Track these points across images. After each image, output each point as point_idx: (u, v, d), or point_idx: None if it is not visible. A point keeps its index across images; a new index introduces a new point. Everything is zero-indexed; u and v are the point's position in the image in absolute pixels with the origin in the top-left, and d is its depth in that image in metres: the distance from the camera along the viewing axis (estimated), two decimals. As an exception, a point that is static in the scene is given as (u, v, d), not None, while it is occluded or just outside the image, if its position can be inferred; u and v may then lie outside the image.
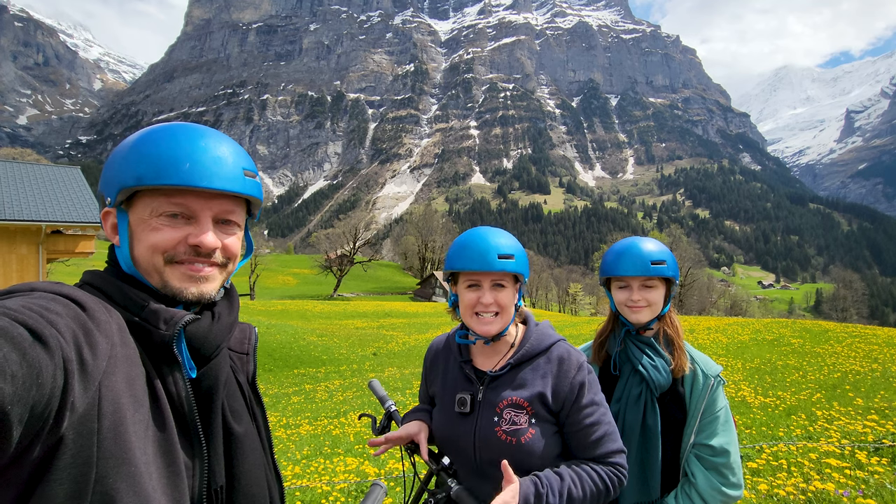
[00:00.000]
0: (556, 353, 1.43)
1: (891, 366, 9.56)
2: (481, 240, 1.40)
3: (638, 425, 1.57)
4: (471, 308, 1.41)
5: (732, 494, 1.50)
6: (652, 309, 1.66)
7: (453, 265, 1.41)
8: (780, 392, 7.80)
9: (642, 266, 1.62)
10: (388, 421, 1.62)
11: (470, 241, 1.41)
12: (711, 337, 15.31)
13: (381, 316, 33.30)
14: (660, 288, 1.66)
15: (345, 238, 59.11)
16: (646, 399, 1.59)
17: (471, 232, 1.45)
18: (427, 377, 1.61)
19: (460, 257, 1.40)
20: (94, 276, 0.87)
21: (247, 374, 1.03)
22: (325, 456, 5.94)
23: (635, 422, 1.58)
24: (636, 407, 1.59)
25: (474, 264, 1.37)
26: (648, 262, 1.62)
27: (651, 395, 1.59)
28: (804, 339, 13.65)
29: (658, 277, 1.65)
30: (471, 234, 1.43)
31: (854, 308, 68.40)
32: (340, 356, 17.87)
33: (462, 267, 1.38)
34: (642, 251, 1.64)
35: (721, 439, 1.53)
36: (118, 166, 0.85)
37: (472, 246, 1.39)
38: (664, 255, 1.64)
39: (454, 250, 1.43)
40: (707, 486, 1.50)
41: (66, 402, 0.62)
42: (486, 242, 1.39)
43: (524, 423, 1.35)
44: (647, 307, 1.65)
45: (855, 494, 2.99)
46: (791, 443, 4.49)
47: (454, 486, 1.35)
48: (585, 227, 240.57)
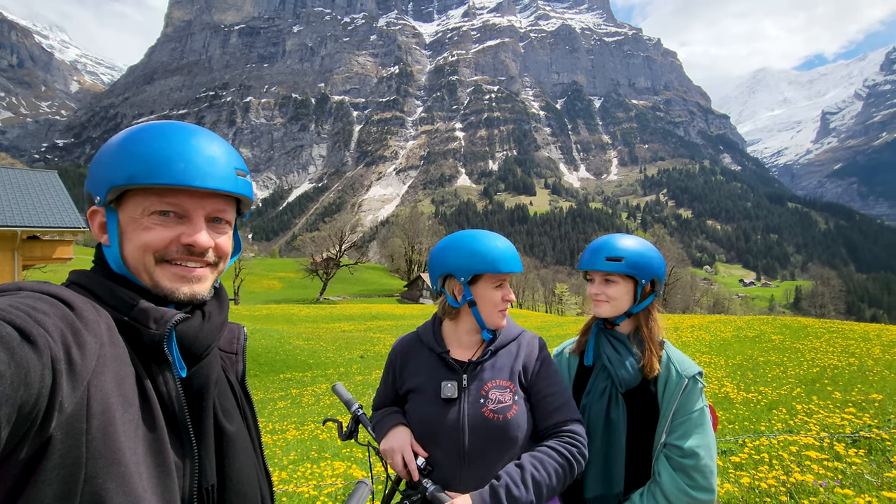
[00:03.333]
0: (525, 338, 1.60)
1: (867, 360, 9.82)
2: (499, 244, 1.52)
3: (602, 418, 1.60)
4: (497, 306, 1.52)
5: (700, 498, 1.48)
6: (612, 304, 1.67)
7: (483, 268, 1.48)
8: (761, 387, 7.96)
9: (598, 261, 1.67)
10: (356, 425, 1.63)
11: (494, 246, 1.51)
12: (695, 335, 15.54)
13: (368, 318, 33.09)
14: (621, 284, 1.67)
15: (331, 241, 58.66)
16: (610, 393, 1.61)
17: (483, 238, 1.54)
18: (398, 375, 1.62)
19: (494, 262, 1.48)
20: (81, 276, 0.86)
21: (237, 374, 1.03)
22: (312, 461, 5.89)
23: (599, 415, 1.60)
24: (600, 401, 1.62)
25: (507, 267, 1.49)
26: (603, 258, 1.66)
27: (615, 390, 1.61)
28: (784, 336, 13.93)
29: (618, 274, 1.66)
30: (485, 240, 1.53)
31: (832, 304, 70.17)
32: (327, 360, 17.73)
33: (499, 269, 1.48)
34: (602, 247, 1.68)
35: (693, 441, 1.52)
36: (107, 165, 0.84)
37: (497, 250, 1.50)
38: (624, 253, 1.65)
39: (485, 255, 1.49)
40: (672, 487, 1.50)
41: (55, 402, 0.61)
42: (506, 247, 1.53)
43: (508, 400, 1.43)
44: (607, 302, 1.67)
45: (833, 485, 3.06)
46: (772, 436, 4.59)
47: (429, 486, 1.35)
48: (571, 228, 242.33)
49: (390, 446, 1.46)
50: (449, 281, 1.54)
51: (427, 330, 1.64)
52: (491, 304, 1.52)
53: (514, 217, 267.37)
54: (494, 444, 1.40)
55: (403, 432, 1.49)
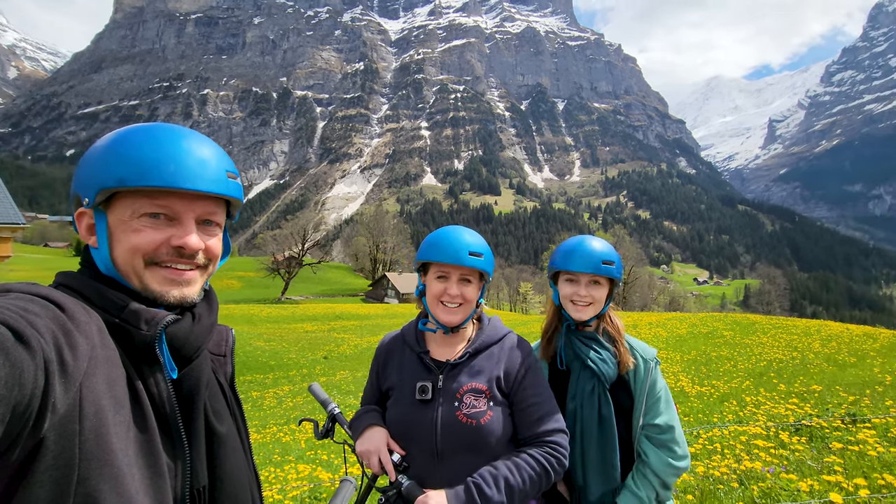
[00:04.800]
0: (509, 342, 1.57)
1: (808, 354, 10.46)
2: (455, 236, 1.51)
3: (595, 418, 1.63)
4: (437, 297, 1.52)
5: (682, 466, 1.60)
6: (595, 307, 1.72)
7: (427, 256, 1.51)
8: (714, 381, 8.34)
9: (594, 264, 1.68)
10: (332, 424, 1.63)
11: (445, 236, 1.52)
12: (653, 332, 16.11)
13: (331, 318, 32.56)
14: (605, 287, 1.73)
15: (293, 239, 57.25)
16: (599, 392, 1.64)
17: (446, 228, 1.56)
18: (380, 373, 1.63)
19: (434, 250, 1.50)
20: (69, 278, 0.85)
21: (226, 376, 1.03)
22: (275, 464, 5.74)
23: (592, 415, 1.63)
24: (591, 401, 1.64)
25: (446, 258, 1.48)
26: (600, 261, 1.69)
27: (603, 388, 1.65)
28: (735, 332, 14.65)
29: (605, 277, 1.72)
30: (446, 230, 1.55)
31: (777, 302, 74.37)
32: (290, 361, 17.31)
33: (435, 259, 1.49)
34: (595, 250, 1.71)
35: (665, 417, 1.63)
36: (97, 166, 0.83)
37: (446, 241, 1.50)
38: (614, 257, 1.72)
39: (429, 243, 1.53)
40: (659, 463, 1.59)
41: (47, 403, 0.61)
42: (460, 239, 1.50)
43: (483, 405, 1.43)
44: (591, 305, 1.71)
45: (779, 471, 3.26)
46: (724, 427, 4.84)
47: (405, 481, 1.36)
48: (535, 228, 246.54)
49: (366, 448, 1.46)
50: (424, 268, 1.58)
51: (410, 328, 1.63)
52: (431, 295, 1.53)
53: (479, 216, 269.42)
54: (467, 447, 1.41)
55: (379, 433, 1.49)
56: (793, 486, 2.92)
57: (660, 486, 1.59)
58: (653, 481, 1.59)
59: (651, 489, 1.59)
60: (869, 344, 11.11)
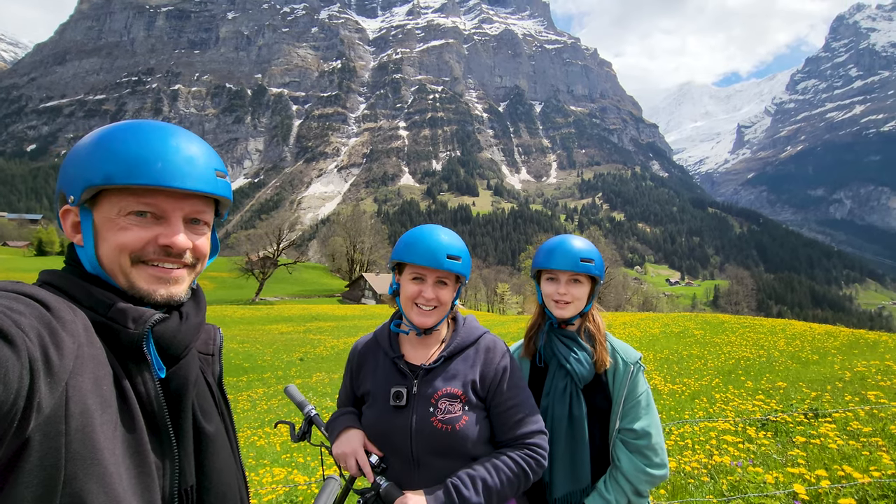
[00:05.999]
0: (484, 344, 1.54)
1: (774, 352, 10.84)
2: (433, 238, 1.46)
3: (565, 417, 1.63)
4: (412, 299, 1.47)
5: (656, 474, 1.57)
6: (576, 305, 1.72)
7: (402, 257, 1.47)
8: (685, 379, 8.56)
9: (572, 262, 1.69)
10: (309, 426, 1.62)
11: (422, 236, 1.47)
12: (627, 332, 16.43)
13: (307, 320, 32.11)
14: (586, 285, 1.73)
15: (268, 239, 56.22)
16: (571, 391, 1.64)
17: (423, 228, 1.51)
18: (355, 377, 1.60)
19: (411, 251, 1.45)
20: (53, 276, 0.84)
21: (214, 375, 1.03)
22: (249, 468, 5.63)
23: (562, 414, 1.63)
24: (563, 399, 1.64)
25: (423, 260, 1.43)
26: (578, 258, 1.69)
27: (576, 388, 1.64)
28: (705, 331, 15.07)
29: (585, 275, 1.72)
30: (422, 230, 1.50)
31: (745, 302, 76.95)
32: (264, 363, 17.01)
33: (411, 260, 1.44)
34: (574, 248, 1.71)
35: (643, 422, 1.60)
36: (83, 163, 0.82)
37: (423, 242, 1.45)
38: (593, 255, 1.72)
39: (405, 242, 1.48)
40: (631, 469, 1.56)
41: (32, 403, 0.61)
42: (438, 241, 1.45)
43: (458, 410, 1.41)
44: (572, 303, 1.71)
45: (746, 464, 3.38)
46: (695, 423, 5.00)
47: (383, 483, 1.36)
48: (512, 229, 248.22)
49: (343, 451, 1.45)
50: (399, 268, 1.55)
51: (383, 331, 1.60)
52: (405, 296, 1.50)
53: (457, 217, 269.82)
54: (443, 452, 1.41)
55: (355, 435, 1.47)
56: (759, 479, 3.03)
57: (631, 493, 1.57)
58: (624, 487, 1.57)
59: (622, 494, 1.57)
60: (830, 342, 11.56)
